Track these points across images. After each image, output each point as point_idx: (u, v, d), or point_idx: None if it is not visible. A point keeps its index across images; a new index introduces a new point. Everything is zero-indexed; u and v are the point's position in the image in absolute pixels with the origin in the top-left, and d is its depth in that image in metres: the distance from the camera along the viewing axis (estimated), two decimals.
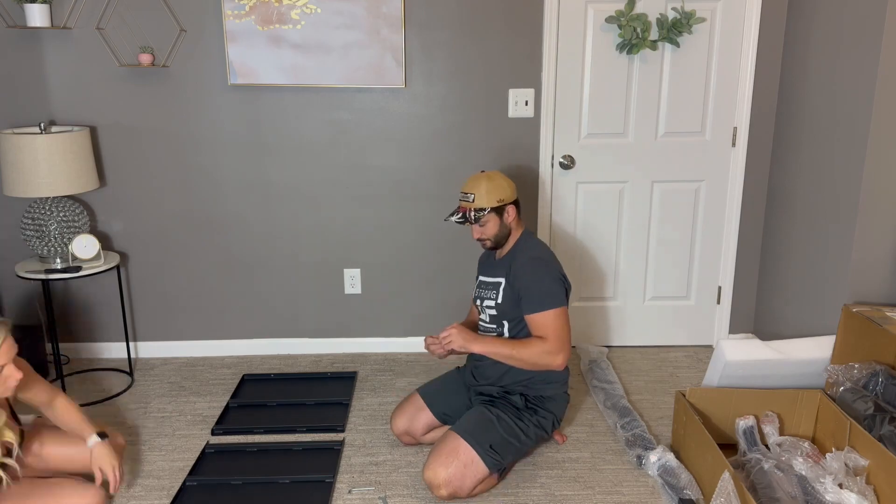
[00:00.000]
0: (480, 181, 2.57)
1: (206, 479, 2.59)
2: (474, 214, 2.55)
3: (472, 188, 2.57)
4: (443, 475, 2.37)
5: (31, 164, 2.95)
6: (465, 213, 2.57)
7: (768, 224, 3.54)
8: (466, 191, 2.59)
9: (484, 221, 2.56)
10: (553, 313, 2.48)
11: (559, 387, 2.66)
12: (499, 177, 2.59)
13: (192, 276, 3.55)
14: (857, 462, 2.31)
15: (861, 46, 2.79)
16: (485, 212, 2.54)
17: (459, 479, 2.37)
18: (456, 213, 2.60)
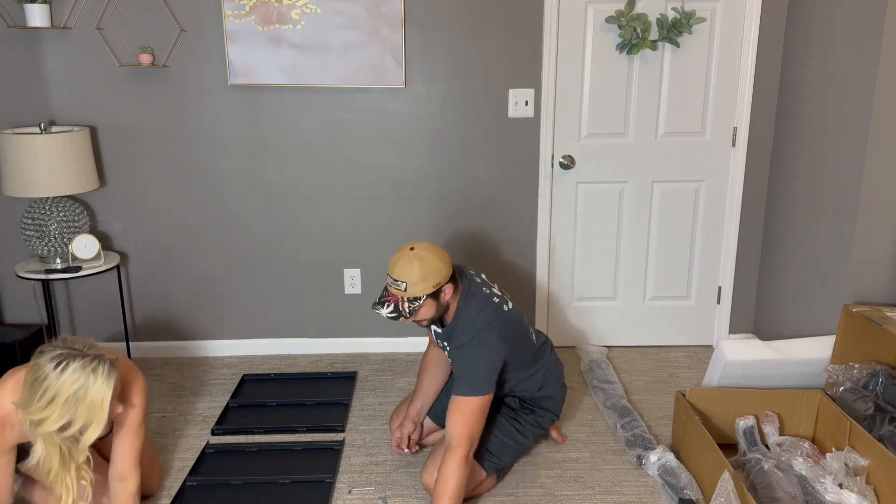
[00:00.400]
0: (412, 265, 2.28)
1: (206, 479, 2.59)
2: (408, 307, 2.30)
3: (403, 274, 2.29)
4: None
5: (31, 164, 2.95)
6: (398, 304, 2.30)
7: (768, 224, 3.54)
8: (396, 277, 2.30)
9: (419, 310, 2.32)
10: (476, 400, 2.30)
11: (553, 385, 2.65)
12: (431, 255, 2.31)
13: (192, 276, 3.55)
14: (857, 462, 2.31)
15: (861, 46, 2.79)
16: (419, 301, 2.30)
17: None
18: (385, 305, 2.32)
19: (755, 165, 3.51)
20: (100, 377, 1.80)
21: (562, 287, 3.65)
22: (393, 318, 2.31)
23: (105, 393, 1.80)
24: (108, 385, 1.81)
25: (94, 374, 1.79)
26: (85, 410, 1.80)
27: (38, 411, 1.78)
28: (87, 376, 1.79)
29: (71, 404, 1.78)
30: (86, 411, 1.80)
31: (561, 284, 3.64)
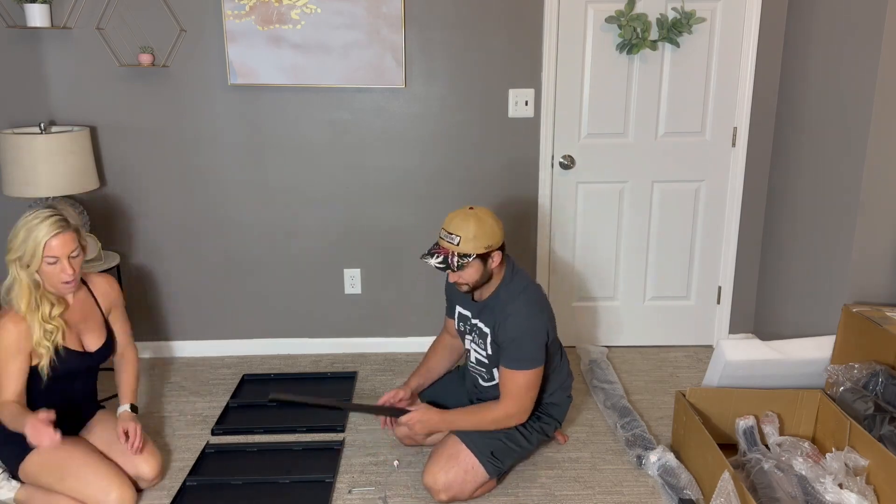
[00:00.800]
0: (469, 221, 2.29)
1: (206, 479, 2.59)
2: (457, 261, 2.29)
3: (458, 228, 2.30)
4: (442, 480, 2.37)
5: (31, 164, 2.95)
6: (447, 256, 2.31)
7: (768, 224, 3.54)
8: (451, 231, 2.31)
9: (466, 267, 2.32)
10: (525, 375, 2.35)
11: (562, 393, 2.66)
12: (489, 217, 2.34)
13: (191, 276, 3.55)
14: (857, 462, 2.31)
15: (861, 46, 2.79)
16: (469, 258, 2.29)
17: (459, 484, 2.37)
18: (435, 255, 2.33)
19: (755, 165, 3.51)
20: (46, 223, 2.25)
21: (562, 287, 3.65)
22: (441, 269, 2.32)
23: (46, 233, 2.24)
24: (49, 231, 2.24)
25: (44, 220, 2.26)
26: (29, 247, 2.24)
27: (8, 244, 2.29)
28: (39, 220, 2.26)
29: (22, 241, 2.25)
30: (30, 248, 2.24)
31: (561, 284, 3.64)
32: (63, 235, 2.28)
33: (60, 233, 2.27)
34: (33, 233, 2.25)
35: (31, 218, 2.27)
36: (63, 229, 2.28)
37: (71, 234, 2.31)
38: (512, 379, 2.36)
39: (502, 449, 2.44)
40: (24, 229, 2.27)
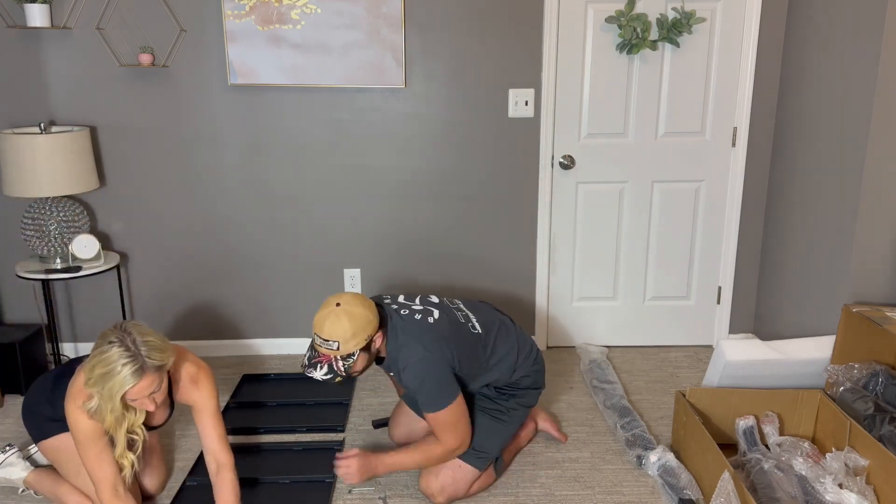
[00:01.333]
0: (341, 321, 2.18)
1: (206, 480, 2.57)
2: (343, 365, 2.21)
3: (333, 332, 2.18)
4: (435, 484, 2.41)
5: (31, 164, 2.95)
6: (331, 364, 2.21)
7: (768, 224, 3.54)
8: (326, 336, 2.19)
9: (354, 365, 2.24)
10: (444, 413, 2.29)
11: (526, 365, 2.54)
12: (358, 307, 2.22)
13: (192, 276, 3.55)
14: (857, 462, 2.31)
15: (861, 46, 2.79)
16: (353, 357, 2.21)
17: (452, 484, 2.41)
18: (318, 366, 2.22)
19: (755, 165, 3.51)
20: (124, 371, 2.00)
21: (562, 287, 3.65)
22: (329, 380, 2.22)
23: (121, 387, 2.01)
24: (126, 383, 2.01)
25: (122, 367, 2.00)
26: (106, 391, 2.03)
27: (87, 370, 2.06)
28: (116, 366, 2.01)
29: (99, 380, 2.02)
30: (106, 392, 2.03)
31: (561, 284, 3.64)
32: (142, 382, 2.04)
33: (139, 382, 2.03)
34: (109, 382, 2.01)
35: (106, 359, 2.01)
36: (141, 376, 2.03)
37: (150, 377, 2.05)
38: (435, 420, 2.32)
39: (482, 440, 2.45)
40: (100, 372, 2.02)
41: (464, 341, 2.39)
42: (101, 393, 2.04)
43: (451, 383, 2.30)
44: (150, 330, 2.11)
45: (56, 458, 2.36)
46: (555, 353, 3.67)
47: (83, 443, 2.14)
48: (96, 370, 2.03)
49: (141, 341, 2.04)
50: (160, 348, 2.08)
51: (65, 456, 2.34)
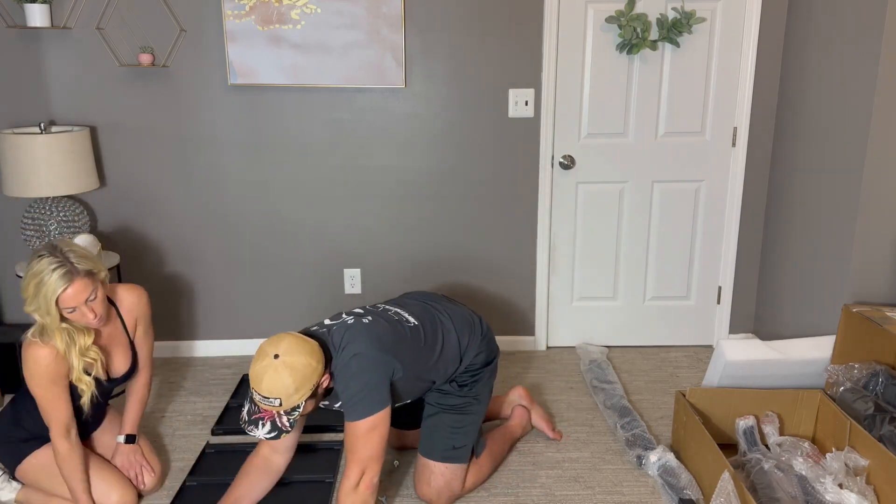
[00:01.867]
0: (281, 376, 2.01)
1: (206, 480, 2.59)
2: (288, 420, 2.07)
3: (273, 389, 2.01)
4: (428, 492, 2.44)
5: (31, 164, 2.95)
6: (274, 420, 2.06)
7: (768, 224, 3.54)
8: (266, 394, 2.02)
9: (301, 416, 2.12)
10: (365, 423, 2.12)
11: (474, 344, 2.46)
12: (301, 356, 2.04)
13: (192, 276, 3.55)
14: (857, 462, 2.31)
15: (861, 46, 2.79)
16: (298, 409, 2.07)
17: (445, 487, 2.43)
18: (260, 425, 2.07)
19: (755, 165, 3.51)
20: (53, 277, 2.08)
21: (562, 287, 3.65)
22: (273, 438, 2.08)
23: (54, 292, 2.09)
24: (57, 286, 2.09)
25: (51, 274, 2.08)
26: (42, 302, 2.10)
27: (22, 292, 2.15)
28: (45, 274, 2.09)
29: (34, 294, 2.11)
30: (42, 303, 2.10)
31: (561, 284, 3.64)
32: (73, 286, 2.10)
33: (69, 285, 2.09)
34: (41, 290, 2.08)
35: (36, 270, 2.09)
36: (71, 279, 2.09)
37: (82, 282, 2.11)
38: (354, 431, 2.13)
39: (458, 436, 2.44)
40: (33, 284, 2.10)
41: (403, 338, 2.28)
42: (38, 308, 2.11)
43: (382, 391, 2.15)
44: (80, 246, 2.21)
45: (37, 477, 2.35)
46: (555, 353, 3.67)
47: (40, 383, 2.19)
48: (30, 286, 2.11)
49: (68, 250, 2.14)
50: (88, 256, 2.18)
51: (45, 473, 2.33)
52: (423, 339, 2.35)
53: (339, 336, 2.21)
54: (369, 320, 2.28)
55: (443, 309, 2.49)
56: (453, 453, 2.43)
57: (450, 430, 2.45)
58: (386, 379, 2.18)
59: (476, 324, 2.51)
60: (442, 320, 2.44)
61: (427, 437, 2.47)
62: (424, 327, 2.37)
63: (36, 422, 2.31)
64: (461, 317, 2.48)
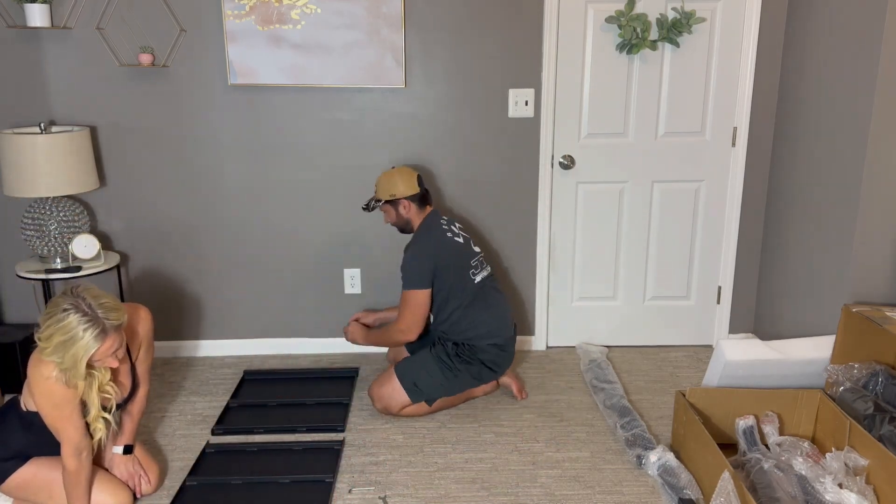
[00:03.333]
0: (382, 176, 3.03)
1: (206, 479, 2.59)
2: (372, 203, 3.07)
3: (377, 181, 3.06)
4: (375, 392, 3.00)
5: (31, 164, 2.95)
6: (369, 202, 3.08)
7: (768, 224, 3.54)
8: (375, 185, 3.10)
9: (383, 210, 3.04)
10: (407, 294, 2.94)
11: (481, 338, 2.99)
12: (398, 174, 3.00)
13: (191, 276, 3.55)
14: (857, 462, 2.31)
15: (861, 46, 2.79)
16: (380, 203, 3.02)
17: (387, 399, 2.96)
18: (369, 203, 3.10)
19: (755, 165, 3.51)
20: (87, 336, 2.04)
21: (562, 287, 3.65)
22: (364, 209, 3.10)
23: (86, 350, 2.05)
24: (90, 347, 2.05)
25: (84, 333, 2.03)
26: (69, 358, 2.06)
27: (41, 340, 2.07)
28: (76, 332, 2.03)
29: (59, 347, 2.04)
30: (69, 359, 2.06)
31: (561, 284, 3.64)
32: (105, 344, 2.08)
33: (102, 344, 2.07)
34: (71, 349, 2.03)
35: (65, 327, 2.02)
36: (104, 339, 2.07)
37: (112, 338, 2.10)
38: (403, 296, 2.95)
39: (426, 381, 2.94)
40: (60, 341, 2.03)
41: (458, 269, 2.96)
42: (62, 360, 2.06)
43: (426, 273, 2.92)
44: (101, 291, 2.15)
45: (25, 494, 2.34)
46: (555, 353, 3.68)
47: (56, 407, 2.15)
48: (54, 339, 2.03)
49: (96, 304, 2.08)
50: (115, 308, 2.12)
51: (33, 488, 2.32)
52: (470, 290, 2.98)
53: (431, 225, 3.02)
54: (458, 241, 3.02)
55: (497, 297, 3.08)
56: (411, 386, 2.94)
57: (423, 368, 2.96)
58: (431, 268, 2.92)
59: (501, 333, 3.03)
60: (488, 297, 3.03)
61: (409, 359, 3.03)
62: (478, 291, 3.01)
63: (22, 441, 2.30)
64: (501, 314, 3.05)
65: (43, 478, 2.31)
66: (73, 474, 2.23)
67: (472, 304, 2.98)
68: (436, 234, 3.00)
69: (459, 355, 2.98)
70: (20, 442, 2.30)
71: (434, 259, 2.93)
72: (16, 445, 2.31)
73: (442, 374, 2.95)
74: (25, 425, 2.29)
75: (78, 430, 2.20)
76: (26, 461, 2.32)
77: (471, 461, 2.73)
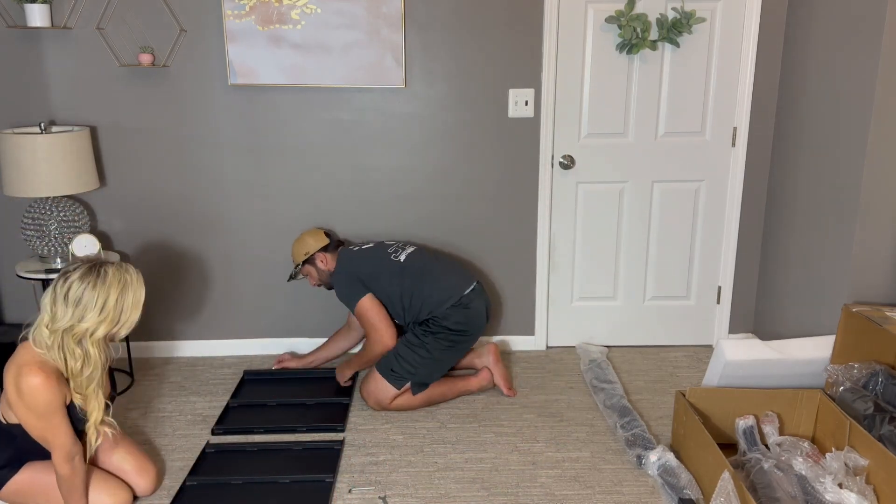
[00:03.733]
0: (293, 244, 3.24)
1: (206, 479, 2.59)
2: (294, 270, 3.24)
3: (291, 251, 3.27)
4: (364, 390, 3.08)
5: (31, 164, 2.95)
6: (292, 273, 3.26)
7: (768, 224, 3.54)
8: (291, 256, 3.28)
9: (306, 273, 3.22)
10: (356, 310, 3.04)
11: (441, 306, 3.03)
12: (305, 234, 3.20)
13: (191, 276, 3.55)
14: (857, 462, 2.31)
15: (861, 46, 2.79)
16: (299, 267, 3.21)
17: (374, 392, 3.03)
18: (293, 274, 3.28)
19: (755, 165, 3.51)
20: (134, 276, 2.13)
21: (562, 287, 3.65)
22: (289, 280, 3.32)
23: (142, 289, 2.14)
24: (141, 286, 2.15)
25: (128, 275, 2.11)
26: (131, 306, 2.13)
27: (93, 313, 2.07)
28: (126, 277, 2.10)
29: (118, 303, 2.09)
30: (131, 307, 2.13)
31: (561, 284, 3.64)
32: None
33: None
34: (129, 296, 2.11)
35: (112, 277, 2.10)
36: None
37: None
38: (357, 314, 3.06)
39: (400, 364, 3.00)
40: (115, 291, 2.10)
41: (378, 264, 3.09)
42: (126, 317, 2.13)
43: (356, 287, 3.04)
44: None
45: (23, 500, 2.32)
46: (555, 353, 3.68)
47: (41, 417, 2.13)
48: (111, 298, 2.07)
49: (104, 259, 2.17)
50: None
51: (30, 493, 2.31)
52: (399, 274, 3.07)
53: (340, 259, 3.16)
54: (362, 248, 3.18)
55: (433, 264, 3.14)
56: (388, 373, 3.00)
57: (396, 353, 3.02)
58: (356, 280, 3.05)
59: (453, 294, 3.06)
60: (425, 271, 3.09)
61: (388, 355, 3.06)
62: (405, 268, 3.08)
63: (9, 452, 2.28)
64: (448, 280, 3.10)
65: (39, 483, 2.30)
66: (67, 479, 2.22)
67: (412, 283, 3.05)
68: (343, 256, 3.16)
69: (425, 330, 3.04)
70: (8, 453, 2.28)
71: (353, 271, 3.08)
72: (4, 457, 2.28)
73: (413, 352, 3.01)
74: (9, 438, 2.26)
75: (67, 436, 2.19)
76: (21, 467, 2.30)
77: (471, 461, 2.73)
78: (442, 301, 3.04)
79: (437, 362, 3.05)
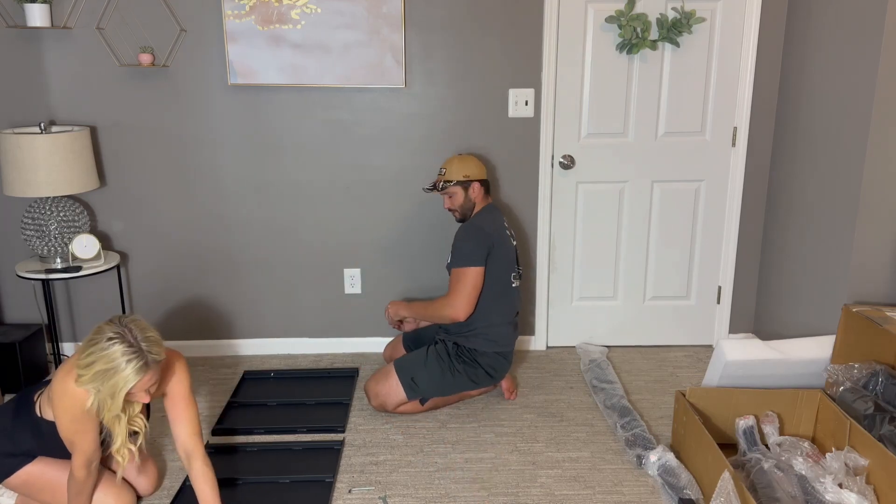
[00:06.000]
0: (454, 159, 3.04)
1: None
2: (442, 184, 3.02)
3: (446, 164, 3.05)
4: (373, 389, 2.99)
5: (31, 164, 2.96)
6: (436, 183, 3.05)
7: (768, 224, 3.54)
8: (443, 167, 3.06)
9: (451, 192, 3.01)
10: (460, 271, 2.89)
11: (486, 343, 2.97)
12: (470, 158, 3.04)
13: (192, 276, 3.55)
14: (857, 462, 2.31)
15: (861, 46, 2.79)
16: (451, 183, 3.00)
17: (384, 395, 2.95)
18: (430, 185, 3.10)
19: (755, 165, 3.51)
20: (129, 369, 2.00)
21: (562, 287, 3.65)
22: (428, 191, 3.09)
23: (126, 383, 2.01)
24: (132, 379, 2.01)
25: (127, 364, 2.00)
26: (108, 388, 2.01)
27: (80, 367, 2.03)
28: (120, 363, 1.99)
29: (99, 376, 2.00)
30: (108, 389, 2.02)
31: (561, 284, 3.64)
32: (144, 379, 2.05)
33: (142, 378, 2.04)
34: (111, 380, 2.00)
35: (108, 356, 1.99)
36: (145, 373, 2.03)
37: (151, 374, 2.06)
38: (452, 276, 2.92)
39: (424, 379, 2.93)
40: (101, 370, 1.99)
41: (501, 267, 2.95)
42: (99, 390, 2.02)
43: (479, 251, 2.88)
44: (147, 324, 2.10)
45: (28, 491, 2.33)
46: (555, 353, 3.68)
47: (74, 421, 2.12)
48: (95, 366, 1.99)
49: (142, 337, 2.04)
50: (158, 342, 2.09)
51: (38, 486, 2.31)
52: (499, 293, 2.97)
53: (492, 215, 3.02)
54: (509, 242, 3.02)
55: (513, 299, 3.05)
56: (409, 382, 2.93)
57: (423, 365, 2.94)
58: (485, 249, 2.89)
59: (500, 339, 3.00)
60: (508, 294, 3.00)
61: (409, 355, 3.02)
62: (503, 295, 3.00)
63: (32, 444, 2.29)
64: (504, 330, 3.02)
65: (49, 478, 2.31)
66: (80, 483, 2.22)
67: (498, 305, 2.96)
68: (497, 220, 3.00)
69: (460, 356, 2.97)
70: (29, 444, 2.30)
71: (491, 240, 2.91)
72: (25, 446, 2.30)
73: (440, 373, 2.94)
74: (37, 432, 2.27)
75: (92, 443, 2.18)
76: (33, 459, 2.32)
77: (471, 461, 2.73)
78: (494, 343, 2.99)
79: (455, 388, 3.01)
